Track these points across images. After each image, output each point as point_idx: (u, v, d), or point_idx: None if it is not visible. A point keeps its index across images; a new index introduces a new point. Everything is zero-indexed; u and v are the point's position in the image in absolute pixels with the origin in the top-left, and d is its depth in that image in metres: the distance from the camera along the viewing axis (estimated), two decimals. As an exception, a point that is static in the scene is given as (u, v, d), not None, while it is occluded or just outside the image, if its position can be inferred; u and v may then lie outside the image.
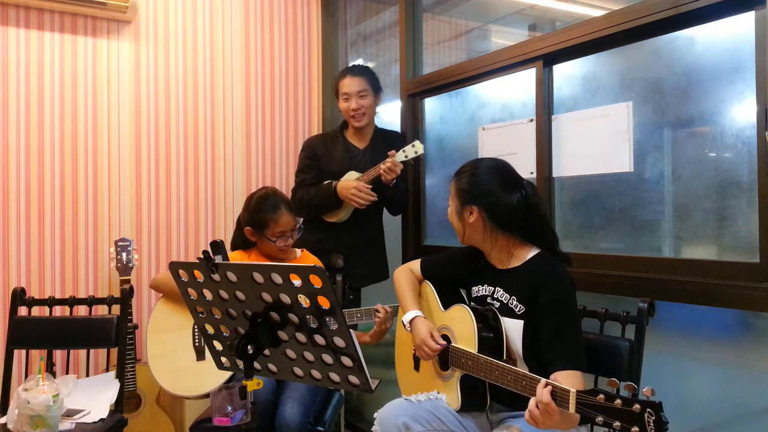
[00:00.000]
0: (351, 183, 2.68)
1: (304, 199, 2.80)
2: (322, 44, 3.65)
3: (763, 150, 1.71)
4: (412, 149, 2.63)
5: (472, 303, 1.94)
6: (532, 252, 1.83)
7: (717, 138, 1.90)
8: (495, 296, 1.86)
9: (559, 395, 1.42)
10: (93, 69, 3.05)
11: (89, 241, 3.04)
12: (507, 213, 1.82)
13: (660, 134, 2.05)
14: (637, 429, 1.24)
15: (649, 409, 1.23)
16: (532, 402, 1.47)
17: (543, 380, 1.47)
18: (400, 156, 2.62)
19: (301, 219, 2.49)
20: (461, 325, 1.84)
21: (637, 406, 1.24)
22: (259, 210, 2.34)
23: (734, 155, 1.85)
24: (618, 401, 1.28)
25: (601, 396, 1.31)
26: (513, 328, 1.77)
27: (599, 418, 1.31)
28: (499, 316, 1.81)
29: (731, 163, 1.86)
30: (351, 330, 1.41)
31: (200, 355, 2.34)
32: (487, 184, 1.86)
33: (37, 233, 2.94)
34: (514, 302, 1.79)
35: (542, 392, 1.44)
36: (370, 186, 2.67)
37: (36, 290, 2.93)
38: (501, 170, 1.88)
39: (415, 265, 2.13)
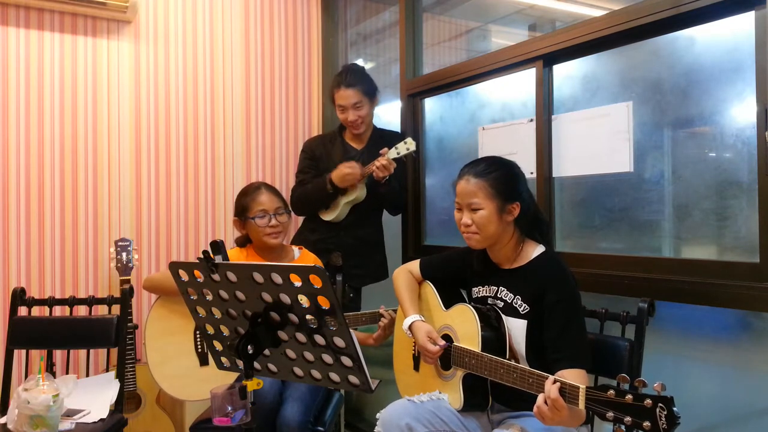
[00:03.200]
0: (341, 167, 2.68)
1: (302, 196, 2.82)
2: (322, 44, 3.65)
3: (763, 150, 1.71)
4: (404, 146, 2.64)
5: (472, 303, 1.94)
6: (537, 250, 1.83)
7: (717, 138, 1.90)
8: (498, 296, 1.85)
9: (568, 391, 1.42)
10: (93, 69, 3.05)
11: (89, 241, 3.04)
12: (532, 209, 1.85)
13: (660, 134, 2.05)
14: (649, 424, 1.23)
15: (660, 404, 1.22)
16: (540, 398, 1.47)
17: (551, 377, 1.48)
18: (392, 153, 2.63)
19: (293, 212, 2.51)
20: (464, 325, 1.83)
21: (648, 401, 1.24)
22: (240, 197, 2.40)
23: (734, 155, 1.85)
24: (629, 396, 1.27)
25: (612, 391, 1.31)
26: (517, 328, 1.77)
27: (609, 414, 1.30)
28: (502, 315, 1.80)
29: (731, 163, 1.86)
30: (351, 330, 1.41)
31: (203, 361, 2.34)
32: (521, 177, 1.86)
33: (37, 233, 2.94)
34: (519, 302, 1.78)
35: (550, 388, 1.44)
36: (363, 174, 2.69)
37: (36, 290, 2.93)
38: (519, 166, 1.89)
39: (414, 266, 2.12)
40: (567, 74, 2.32)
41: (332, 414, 2.39)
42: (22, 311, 2.48)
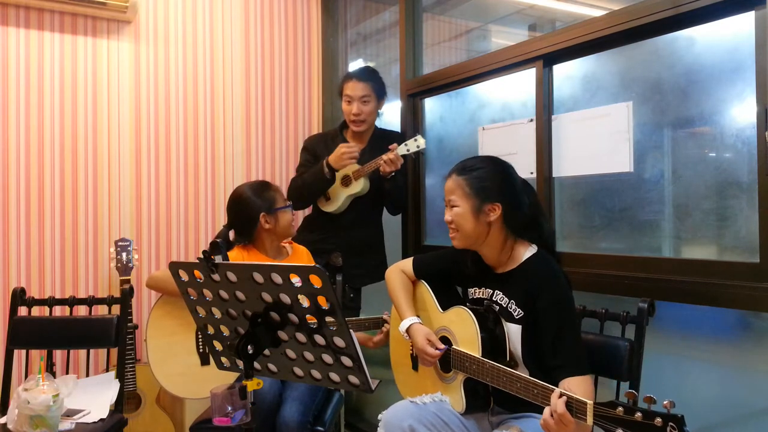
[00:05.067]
0: (339, 148, 2.67)
1: (298, 183, 2.82)
2: (322, 44, 3.65)
3: (763, 150, 1.71)
4: (414, 143, 2.62)
5: (468, 305, 1.91)
6: (528, 252, 1.79)
7: (717, 138, 1.90)
8: (494, 299, 1.82)
9: (575, 407, 1.40)
10: (93, 69, 3.05)
11: (89, 241, 3.04)
12: (523, 211, 1.79)
13: (660, 134, 2.05)
14: None
15: (671, 423, 1.20)
16: (546, 411, 1.45)
17: (557, 390, 1.45)
18: (401, 149, 2.62)
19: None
20: (462, 328, 1.82)
21: (659, 420, 1.21)
22: (260, 193, 2.37)
23: (734, 155, 1.85)
24: (638, 414, 1.25)
25: (621, 409, 1.28)
26: (513, 333, 1.75)
27: (618, 431, 1.28)
28: (501, 318, 1.79)
29: (731, 163, 1.86)
30: (351, 330, 1.41)
31: (204, 361, 2.34)
32: (510, 178, 1.80)
33: (37, 233, 2.94)
34: (513, 306, 1.76)
35: (557, 403, 1.42)
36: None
37: (36, 290, 2.93)
38: (511, 167, 1.85)
39: (407, 265, 2.08)
40: (567, 74, 2.32)
41: (332, 414, 2.39)
42: (22, 311, 2.48)
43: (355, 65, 3.65)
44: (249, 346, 1.45)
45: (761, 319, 1.85)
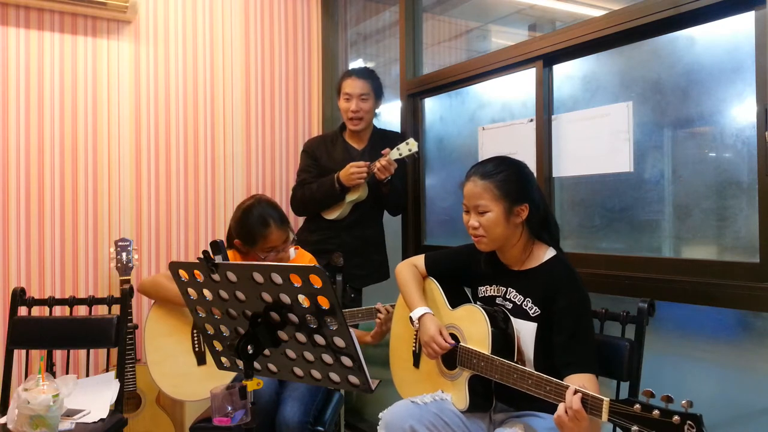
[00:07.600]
0: (349, 168, 2.68)
1: (306, 195, 2.81)
2: (322, 44, 3.65)
3: (763, 150, 1.71)
4: (406, 147, 2.63)
5: (479, 303, 1.91)
6: (548, 253, 1.80)
7: (717, 138, 1.90)
8: (507, 297, 1.82)
9: (590, 403, 1.40)
10: (93, 69, 3.05)
11: (89, 241, 3.04)
12: (543, 210, 1.82)
13: (660, 134, 2.05)
14: None
15: (689, 421, 1.20)
16: (561, 408, 1.45)
17: (572, 387, 1.46)
18: (394, 154, 2.63)
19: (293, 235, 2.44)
20: (472, 326, 1.81)
21: (676, 418, 1.21)
22: (248, 224, 2.24)
23: (734, 155, 1.85)
24: (656, 412, 1.25)
25: (638, 406, 1.28)
26: (525, 331, 1.75)
27: (635, 428, 1.28)
28: (510, 317, 1.79)
29: (731, 163, 1.86)
30: (351, 330, 1.41)
31: (201, 360, 2.33)
32: (529, 177, 1.83)
33: (37, 233, 2.94)
34: (529, 304, 1.76)
35: (572, 399, 1.42)
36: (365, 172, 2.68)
37: (36, 290, 2.93)
38: (526, 166, 1.86)
39: (419, 260, 2.08)
40: (567, 74, 2.33)
41: (332, 414, 2.39)
42: (22, 311, 2.48)
43: (355, 65, 3.66)
44: (249, 346, 1.45)
45: (761, 319, 1.85)
